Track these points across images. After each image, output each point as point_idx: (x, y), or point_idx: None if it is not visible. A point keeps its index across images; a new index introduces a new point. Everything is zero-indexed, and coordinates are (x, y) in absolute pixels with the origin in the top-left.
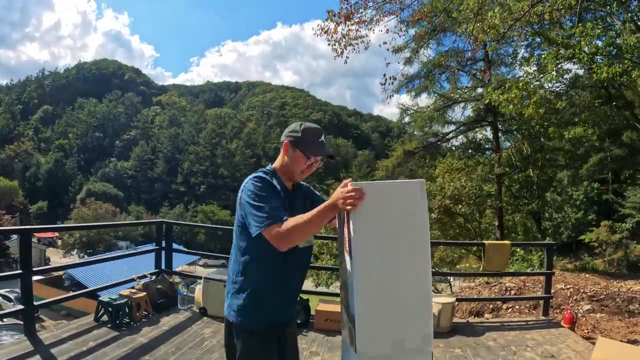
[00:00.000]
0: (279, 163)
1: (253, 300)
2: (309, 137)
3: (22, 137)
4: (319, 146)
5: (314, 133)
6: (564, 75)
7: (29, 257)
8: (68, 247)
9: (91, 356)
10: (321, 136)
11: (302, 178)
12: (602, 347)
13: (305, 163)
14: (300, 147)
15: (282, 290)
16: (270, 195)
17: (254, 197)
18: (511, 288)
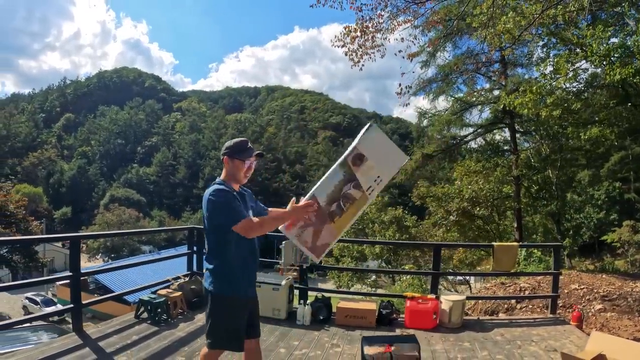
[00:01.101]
0: (225, 175)
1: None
2: (239, 147)
3: (46, 144)
4: (248, 151)
5: (242, 143)
6: (581, 74)
7: (78, 261)
8: (93, 252)
9: (136, 348)
10: (248, 143)
11: (247, 179)
12: (595, 339)
13: (244, 166)
14: (236, 156)
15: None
16: (233, 200)
17: (224, 204)
18: (525, 288)
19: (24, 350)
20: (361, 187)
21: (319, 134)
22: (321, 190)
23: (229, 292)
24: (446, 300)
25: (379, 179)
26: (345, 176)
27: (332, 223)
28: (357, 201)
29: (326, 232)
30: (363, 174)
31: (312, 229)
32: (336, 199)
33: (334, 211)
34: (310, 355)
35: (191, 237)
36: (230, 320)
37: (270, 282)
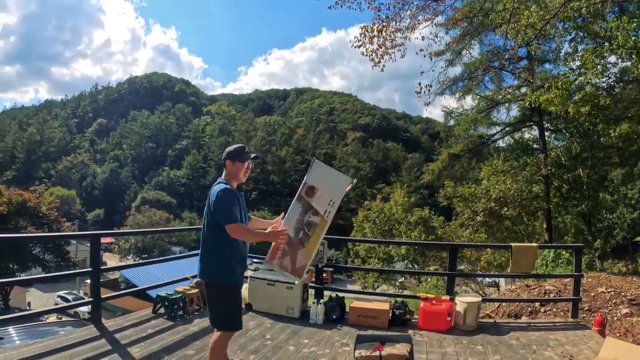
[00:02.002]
0: (226, 175)
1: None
2: (239, 152)
3: (79, 149)
4: (246, 154)
5: (241, 148)
6: (610, 69)
7: (99, 258)
8: (124, 252)
9: (150, 340)
10: (245, 149)
11: (245, 179)
12: (609, 346)
13: (244, 169)
14: (237, 159)
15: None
16: (234, 202)
17: (225, 203)
18: (550, 291)
19: (42, 341)
20: (319, 213)
21: (348, 135)
22: (288, 223)
23: (232, 280)
24: (461, 301)
25: (332, 202)
26: (304, 207)
27: (303, 247)
28: (318, 225)
29: (300, 256)
30: (317, 202)
31: (289, 257)
32: (301, 227)
33: (302, 237)
34: (318, 354)
35: None
36: (236, 305)
37: (285, 281)
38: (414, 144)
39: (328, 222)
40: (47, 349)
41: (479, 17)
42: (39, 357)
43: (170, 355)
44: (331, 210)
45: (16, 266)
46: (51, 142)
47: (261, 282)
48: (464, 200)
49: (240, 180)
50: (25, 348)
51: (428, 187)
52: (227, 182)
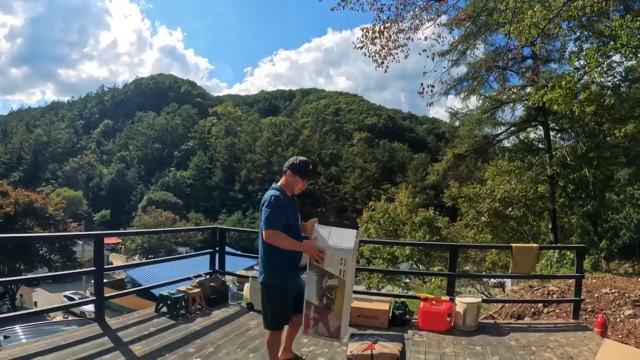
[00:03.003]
0: (283, 182)
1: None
2: (304, 167)
3: (85, 150)
4: (309, 173)
5: (305, 164)
6: (615, 68)
7: (102, 257)
8: (130, 252)
9: (151, 339)
10: (309, 166)
11: (299, 192)
12: (607, 348)
13: (302, 184)
14: (298, 174)
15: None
16: (278, 210)
17: (272, 211)
18: (554, 292)
19: (46, 338)
20: (334, 275)
21: (354, 136)
22: (309, 294)
23: (275, 282)
24: (460, 302)
25: (343, 260)
26: (318, 274)
27: (331, 312)
28: (337, 287)
29: (332, 320)
30: (329, 265)
31: (321, 323)
32: (322, 294)
33: (327, 303)
34: (317, 353)
35: (214, 236)
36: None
37: None
38: (420, 144)
39: (347, 280)
40: (51, 346)
41: (482, 17)
42: (42, 353)
43: (171, 353)
44: (346, 269)
45: (23, 266)
46: (58, 143)
47: None
48: (469, 201)
49: (294, 192)
50: (29, 345)
51: (434, 187)
52: (282, 189)
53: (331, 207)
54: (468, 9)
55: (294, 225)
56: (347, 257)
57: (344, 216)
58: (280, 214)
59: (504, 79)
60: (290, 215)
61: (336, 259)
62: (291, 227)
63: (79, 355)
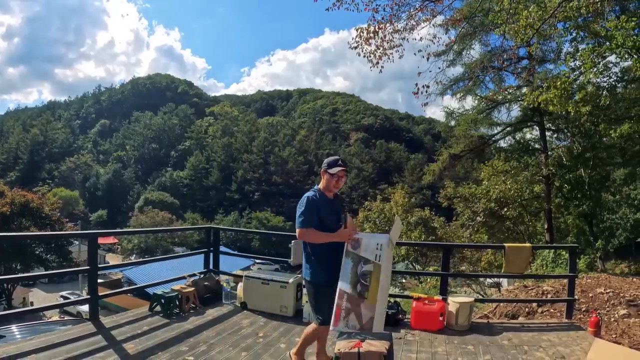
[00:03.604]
0: (321, 184)
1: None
2: (330, 163)
3: (82, 149)
4: (335, 165)
5: (332, 161)
6: (611, 68)
7: (95, 256)
8: (127, 253)
9: (144, 337)
10: (338, 161)
11: (337, 189)
12: (597, 348)
13: (333, 179)
14: (327, 172)
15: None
16: (310, 210)
17: (300, 209)
18: (548, 292)
19: (40, 336)
20: (369, 260)
21: (351, 136)
22: (343, 282)
23: (315, 279)
24: (453, 302)
25: (379, 245)
26: (354, 261)
27: (364, 300)
28: (373, 272)
29: (364, 309)
30: (365, 251)
31: (353, 314)
32: (357, 280)
33: (360, 290)
34: (309, 352)
35: (208, 236)
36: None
37: (278, 280)
38: (417, 145)
39: (382, 265)
40: (45, 344)
41: (479, 17)
42: (36, 351)
43: (164, 352)
44: (382, 253)
45: (19, 266)
46: (54, 143)
47: (256, 281)
48: (464, 201)
49: (332, 190)
50: (24, 343)
51: (430, 187)
52: (318, 190)
53: None
54: (464, 9)
55: (328, 224)
56: (383, 242)
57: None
58: (312, 213)
59: (499, 79)
60: (326, 214)
61: (372, 244)
62: (325, 225)
63: (72, 353)
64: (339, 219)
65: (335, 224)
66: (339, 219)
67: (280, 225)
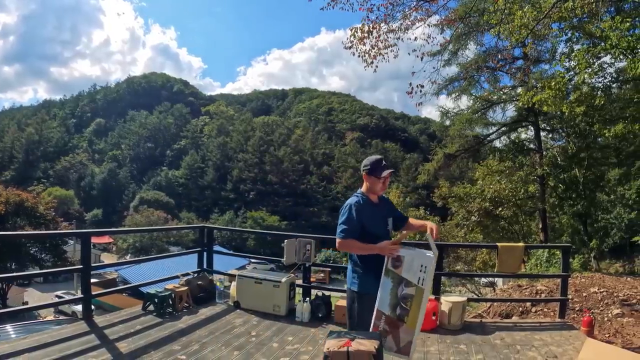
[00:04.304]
0: (364, 187)
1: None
2: (374, 166)
3: (77, 149)
4: (382, 168)
5: (376, 163)
6: (606, 69)
7: (89, 255)
8: (122, 252)
9: (137, 336)
10: (382, 162)
11: (383, 191)
12: (589, 347)
13: (379, 182)
14: (372, 174)
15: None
16: (350, 218)
17: (341, 217)
18: (542, 291)
19: (34, 335)
20: (411, 283)
21: (347, 136)
22: (382, 304)
23: (356, 288)
24: (446, 301)
25: (424, 267)
26: (394, 281)
27: (404, 324)
28: (415, 296)
29: (403, 334)
30: (407, 271)
31: (391, 336)
32: (397, 303)
33: (400, 313)
34: (301, 351)
35: (202, 235)
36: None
37: (271, 279)
38: (413, 144)
39: (425, 289)
40: (38, 343)
41: (474, 17)
42: (29, 350)
43: (156, 351)
44: (425, 277)
45: (14, 265)
46: (49, 142)
47: (249, 280)
48: (459, 200)
49: (378, 193)
50: (17, 342)
51: (426, 187)
52: (364, 193)
53: (323, 206)
54: (459, 9)
55: (374, 230)
56: (428, 264)
57: (335, 215)
58: (353, 222)
59: (494, 79)
60: (370, 221)
61: (416, 264)
62: (371, 233)
63: (65, 352)
64: (386, 224)
65: (383, 230)
66: (386, 223)
67: (276, 224)
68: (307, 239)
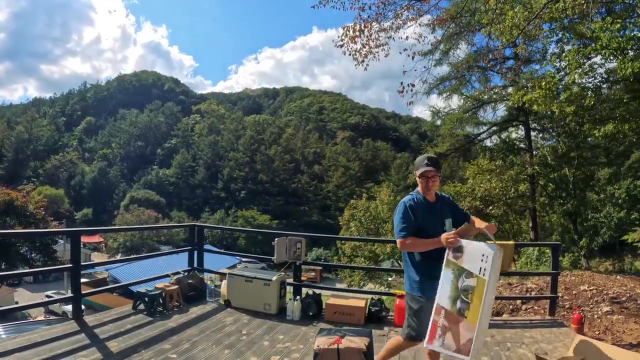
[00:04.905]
0: (419, 186)
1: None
2: (418, 164)
3: (67, 147)
4: (422, 166)
5: (420, 160)
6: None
7: (79, 254)
8: (112, 252)
9: (127, 335)
10: (425, 160)
11: (432, 190)
12: (578, 344)
13: (426, 181)
14: (418, 172)
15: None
16: (405, 217)
17: (397, 218)
18: (532, 289)
19: (24, 335)
20: (472, 274)
21: (338, 135)
22: (442, 297)
23: (412, 291)
24: None
25: (485, 257)
26: (454, 273)
27: (464, 319)
28: (476, 287)
29: (463, 330)
30: (468, 261)
31: (450, 333)
32: (457, 296)
33: (460, 307)
34: (292, 349)
35: (192, 234)
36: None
37: (262, 277)
38: (404, 144)
39: (487, 280)
40: (28, 343)
41: (465, 17)
42: (20, 350)
43: (146, 350)
44: (487, 268)
45: (4, 265)
46: (39, 140)
47: (239, 278)
48: None
49: (426, 192)
50: (7, 342)
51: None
52: (417, 193)
53: (314, 205)
54: (451, 9)
55: (429, 229)
56: (489, 254)
57: (326, 214)
58: (408, 220)
59: (485, 79)
60: (425, 221)
61: (477, 254)
62: (425, 232)
63: (55, 351)
64: (443, 225)
65: (440, 232)
66: (443, 224)
67: (267, 223)
68: (297, 238)
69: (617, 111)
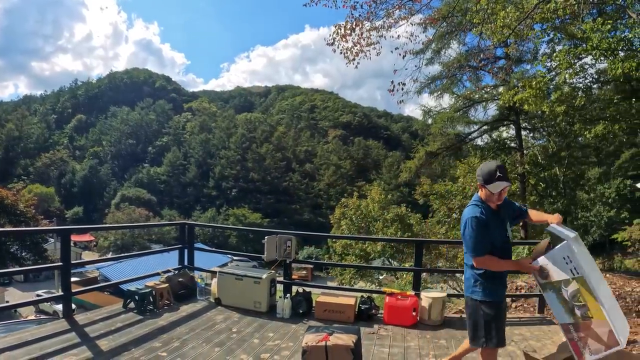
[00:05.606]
0: (481, 195)
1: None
2: (487, 177)
3: (58, 145)
4: (496, 183)
5: (489, 173)
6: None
7: (68, 252)
8: (103, 250)
9: (118, 334)
10: (497, 172)
11: (499, 203)
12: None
13: (494, 196)
14: (485, 187)
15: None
16: (481, 234)
17: (469, 233)
18: (522, 287)
19: (14, 334)
20: (569, 280)
21: (329, 133)
22: (560, 316)
23: (487, 297)
24: (426, 297)
25: (568, 258)
26: (555, 290)
27: (591, 319)
28: (580, 289)
29: (598, 328)
30: (556, 274)
31: (590, 339)
32: (572, 307)
33: (582, 313)
34: (282, 347)
35: (183, 232)
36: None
37: (252, 276)
38: (395, 142)
39: (585, 274)
40: (19, 342)
41: (457, 16)
42: (10, 349)
43: (137, 348)
44: (575, 264)
45: None
46: (30, 138)
47: (229, 277)
48: (440, 198)
49: (495, 204)
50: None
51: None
52: (482, 202)
53: (305, 203)
54: (442, 8)
55: (498, 240)
56: (569, 252)
57: (318, 213)
58: (484, 236)
59: (476, 78)
60: (496, 233)
61: (560, 263)
62: (497, 247)
63: (46, 350)
64: (506, 230)
65: (504, 237)
66: (506, 229)
67: (258, 222)
68: (287, 236)
69: (608, 111)
